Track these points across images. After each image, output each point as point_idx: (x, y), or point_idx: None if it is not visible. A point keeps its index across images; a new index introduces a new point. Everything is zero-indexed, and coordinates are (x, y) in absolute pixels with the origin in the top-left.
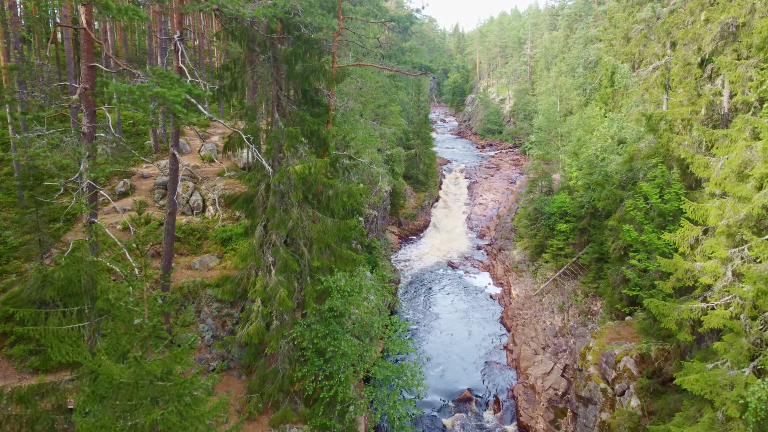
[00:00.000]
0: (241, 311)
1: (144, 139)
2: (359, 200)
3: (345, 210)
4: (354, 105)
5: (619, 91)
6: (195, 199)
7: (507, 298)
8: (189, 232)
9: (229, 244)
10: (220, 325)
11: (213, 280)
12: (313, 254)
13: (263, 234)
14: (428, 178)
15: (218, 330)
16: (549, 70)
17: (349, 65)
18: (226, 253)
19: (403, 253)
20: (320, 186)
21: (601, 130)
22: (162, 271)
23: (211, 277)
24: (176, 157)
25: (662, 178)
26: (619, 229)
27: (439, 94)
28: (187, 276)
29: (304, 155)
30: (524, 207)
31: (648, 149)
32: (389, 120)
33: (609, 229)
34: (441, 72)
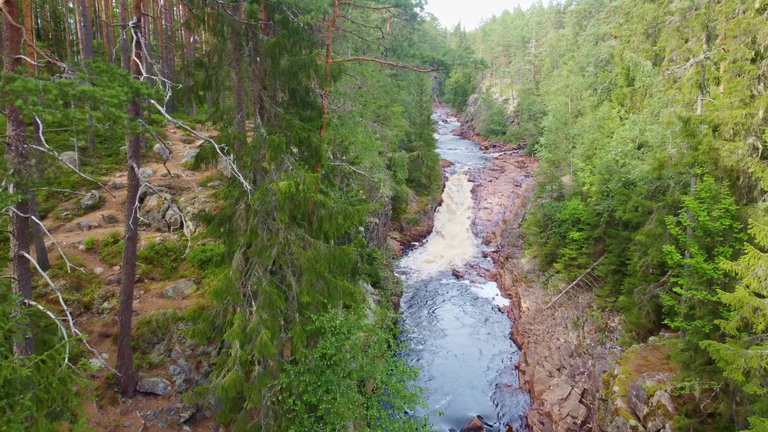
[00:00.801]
0: (219, 350)
1: (119, 144)
2: (358, 221)
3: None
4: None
5: (639, 91)
6: (172, 213)
7: (516, 311)
8: (163, 252)
9: (209, 267)
10: (194, 367)
11: (187, 312)
12: (302, 287)
13: (242, 262)
14: (431, 182)
15: (192, 372)
16: (556, 69)
17: (347, 60)
18: (205, 278)
19: (406, 262)
20: (312, 204)
21: (621, 133)
22: (120, 305)
23: (186, 308)
24: (135, 172)
25: (708, 191)
26: (647, 244)
27: (440, 94)
28: (158, 306)
29: (291, 168)
30: (533, 213)
31: (679, 155)
32: (391, 121)
33: (635, 243)
34: (456, 66)
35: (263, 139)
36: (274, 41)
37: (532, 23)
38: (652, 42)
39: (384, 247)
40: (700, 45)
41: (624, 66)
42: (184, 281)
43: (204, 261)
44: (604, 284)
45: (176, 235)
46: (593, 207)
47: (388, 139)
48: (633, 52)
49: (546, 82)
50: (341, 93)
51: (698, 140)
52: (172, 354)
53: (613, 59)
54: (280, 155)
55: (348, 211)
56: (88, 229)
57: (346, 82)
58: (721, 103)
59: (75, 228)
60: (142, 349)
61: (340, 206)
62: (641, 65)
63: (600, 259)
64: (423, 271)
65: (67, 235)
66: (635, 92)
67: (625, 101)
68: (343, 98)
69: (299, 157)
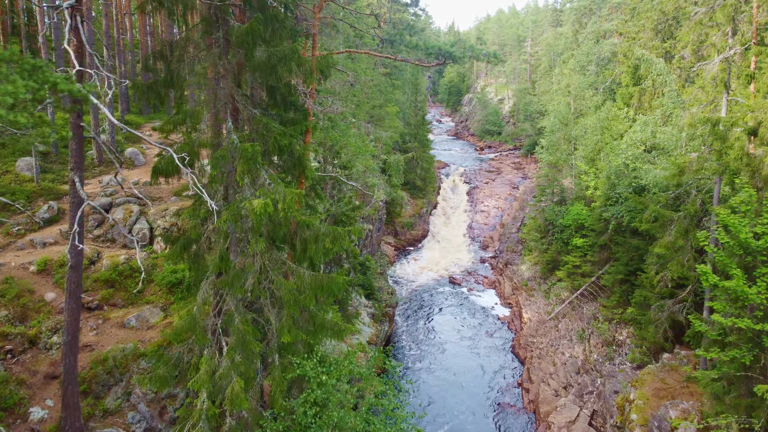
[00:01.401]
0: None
1: (86, 148)
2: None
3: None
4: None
5: (648, 91)
6: (140, 227)
7: (517, 321)
8: (128, 273)
9: (179, 291)
10: (157, 413)
11: (151, 347)
12: (283, 323)
13: (211, 295)
14: (426, 184)
15: (155, 420)
16: (553, 68)
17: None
18: (174, 304)
19: (401, 268)
20: (295, 224)
21: (632, 135)
22: (63, 347)
23: (151, 340)
24: (76, 186)
25: (749, 203)
26: (666, 257)
27: (434, 94)
28: (118, 339)
29: (269, 183)
30: (533, 217)
31: (701, 161)
32: (385, 122)
33: (652, 255)
34: (466, 58)
35: (234, 147)
36: (246, 28)
37: (527, 22)
38: (662, 39)
39: (378, 254)
40: (725, 39)
41: (630, 64)
42: (150, 308)
43: (174, 283)
44: (610, 294)
45: (145, 253)
46: (599, 212)
47: (383, 141)
48: (641, 50)
49: (543, 81)
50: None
51: (729, 144)
52: (131, 398)
53: (616, 57)
54: (254, 167)
55: (337, 233)
56: (43, 247)
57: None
58: (756, 104)
59: (27, 245)
60: (95, 392)
61: (328, 228)
62: (653, 63)
63: (606, 268)
64: (418, 278)
65: (18, 254)
66: (643, 92)
67: (632, 101)
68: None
69: (280, 168)
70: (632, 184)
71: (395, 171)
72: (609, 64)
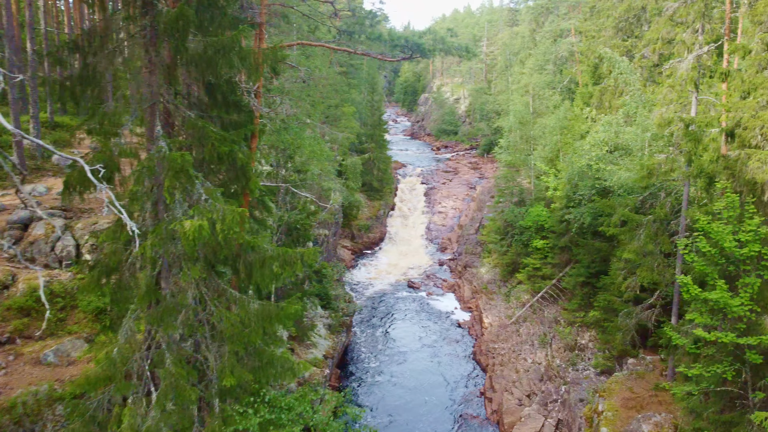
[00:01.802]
0: None
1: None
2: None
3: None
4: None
5: (608, 90)
6: (65, 244)
7: (478, 326)
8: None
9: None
10: None
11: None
12: (224, 362)
13: (135, 333)
14: (383, 185)
15: None
16: (510, 67)
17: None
18: (101, 334)
19: (358, 273)
20: (238, 245)
21: (595, 135)
22: None
23: (72, 377)
24: None
25: (732, 209)
26: (635, 262)
27: (390, 94)
28: (32, 379)
29: (205, 198)
30: (492, 219)
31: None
32: (341, 123)
33: (620, 260)
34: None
35: (162, 157)
36: (175, 13)
37: (483, 22)
38: (623, 37)
39: (335, 260)
40: (696, 37)
41: (590, 63)
42: (72, 339)
43: (101, 309)
44: (571, 297)
45: (70, 273)
46: (560, 214)
47: (339, 142)
48: (604, 48)
49: (499, 81)
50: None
51: (703, 146)
52: None
53: (573, 56)
54: (186, 180)
55: (287, 256)
56: None
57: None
58: (733, 104)
59: None
60: None
61: (277, 250)
62: (616, 61)
63: (567, 270)
64: (377, 283)
65: None
66: (604, 91)
67: (591, 101)
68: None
69: (222, 180)
70: (595, 186)
71: (353, 174)
72: (566, 64)
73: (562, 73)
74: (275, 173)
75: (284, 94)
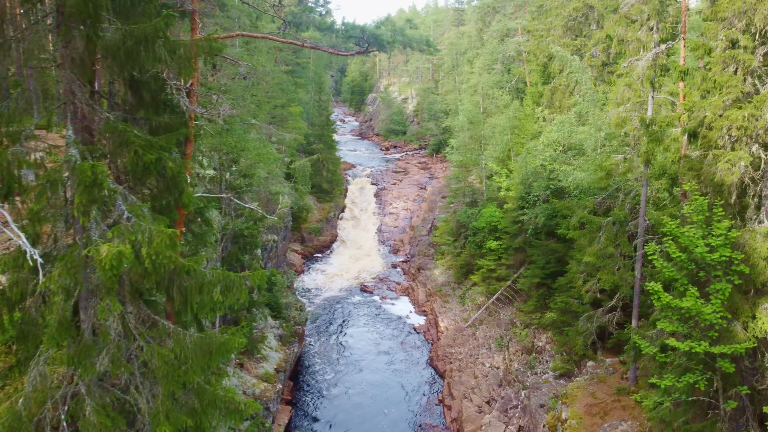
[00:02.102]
0: None
1: None
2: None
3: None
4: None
5: (559, 89)
6: None
7: (434, 330)
8: None
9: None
10: None
11: None
12: (157, 407)
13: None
14: (333, 187)
15: None
16: (457, 67)
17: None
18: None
19: (309, 278)
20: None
21: (548, 135)
22: None
23: None
24: None
25: (701, 213)
26: (595, 266)
27: (337, 94)
28: None
29: (128, 217)
30: (445, 220)
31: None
32: (289, 123)
33: (579, 262)
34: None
35: (72, 167)
36: None
37: (429, 21)
38: (572, 36)
39: (285, 266)
40: (651, 36)
41: (539, 62)
42: None
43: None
44: (527, 299)
45: None
46: (513, 214)
47: (287, 144)
48: (556, 46)
49: (446, 80)
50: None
51: (665, 146)
52: None
53: (521, 56)
54: (102, 195)
55: (229, 281)
56: None
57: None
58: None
59: None
60: None
61: (218, 274)
62: (568, 60)
63: (521, 271)
64: (329, 287)
65: None
66: (555, 90)
67: (542, 100)
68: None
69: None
70: (549, 187)
71: (302, 177)
72: (513, 63)
73: (510, 72)
74: (219, 178)
75: (223, 92)
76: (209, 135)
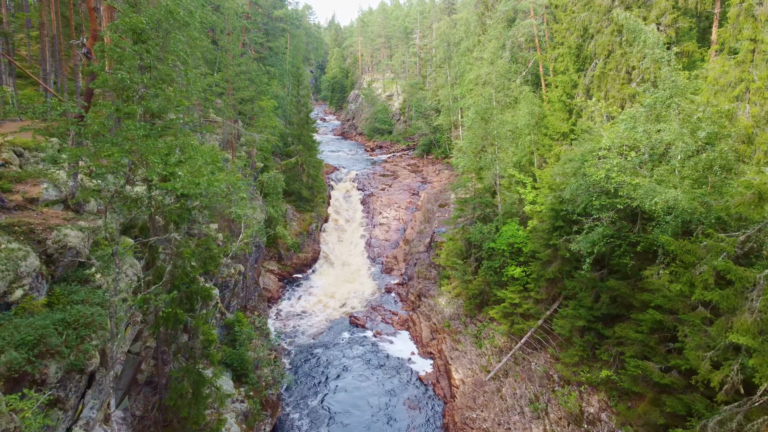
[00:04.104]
0: None
1: None
2: None
3: None
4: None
5: (609, 75)
6: None
7: (445, 383)
8: None
9: None
10: None
11: None
12: None
13: None
14: (314, 194)
15: None
16: (450, 59)
17: None
18: None
19: (287, 306)
20: None
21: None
22: None
23: None
24: None
25: None
26: (746, 348)
27: (317, 91)
28: None
29: None
30: (451, 237)
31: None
32: (260, 121)
33: (723, 340)
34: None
35: None
36: None
37: (414, 13)
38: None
39: (256, 297)
40: None
41: (570, 44)
42: None
43: None
44: (567, 345)
45: None
46: (543, 235)
47: (257, 145)
48: (624, 12)
49: (437, 74)
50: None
51: None
52: None
53: (532, 42)
54: None
55: None
56: None
57: None
58: None
59: None
60: None
61: None
62: (641, 32)
63: (555, 307)
64: (311, 320)
65: None
66: (603, 76)
67: (576, 91)
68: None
69: None
70: (616, 206)
71: (273, 193)
72: (523, 50)
73: (518, 62)
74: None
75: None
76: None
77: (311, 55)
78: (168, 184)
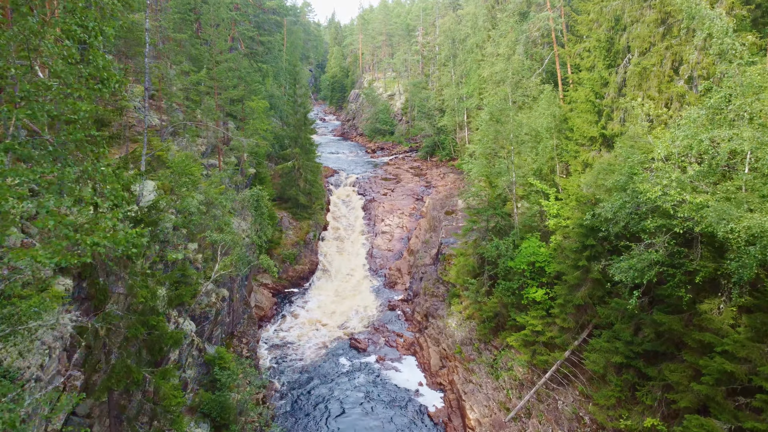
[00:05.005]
0: None
1: None
2: None
3: None
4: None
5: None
6: None
7: (459, 423)
8: None
9: None
10: None
11: None
12: None
13: None
14: (312, 200)
15: None
16: (455, 57)
17: None
18: None
19: (281, 328)
20: None
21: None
22: None
23: None
24: None
25: None
26: None
27: (316, 91)
28: None
29: None
30: (462, 252)
31: None
32: (250, 124)
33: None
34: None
35: None
36: None
37: (416, 10)
38: None
39: (245, 319)
40: None
41: (599, 37)
42: None
43: None
44: (600, 383)
45: None
46: (571, 255)
47: (248, 150)
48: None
49: (442, 73)
50: None
51: None
52: None
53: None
54: None
55: None
56: None
57: None
58: None
59: None
60: None
61: None
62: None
63: (584, 335)
64: (307, 344)
65: None
66: (644, 73)
67: (606, 90)
68: None
69: None
70: (674, 228)
71: (259, 216)
72: (537, 46)
73: (533, 58)
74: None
75: None
76: None
77: (311, 54)
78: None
